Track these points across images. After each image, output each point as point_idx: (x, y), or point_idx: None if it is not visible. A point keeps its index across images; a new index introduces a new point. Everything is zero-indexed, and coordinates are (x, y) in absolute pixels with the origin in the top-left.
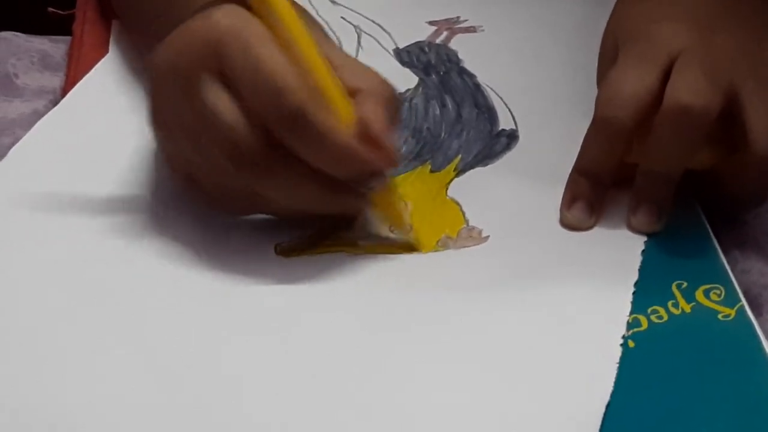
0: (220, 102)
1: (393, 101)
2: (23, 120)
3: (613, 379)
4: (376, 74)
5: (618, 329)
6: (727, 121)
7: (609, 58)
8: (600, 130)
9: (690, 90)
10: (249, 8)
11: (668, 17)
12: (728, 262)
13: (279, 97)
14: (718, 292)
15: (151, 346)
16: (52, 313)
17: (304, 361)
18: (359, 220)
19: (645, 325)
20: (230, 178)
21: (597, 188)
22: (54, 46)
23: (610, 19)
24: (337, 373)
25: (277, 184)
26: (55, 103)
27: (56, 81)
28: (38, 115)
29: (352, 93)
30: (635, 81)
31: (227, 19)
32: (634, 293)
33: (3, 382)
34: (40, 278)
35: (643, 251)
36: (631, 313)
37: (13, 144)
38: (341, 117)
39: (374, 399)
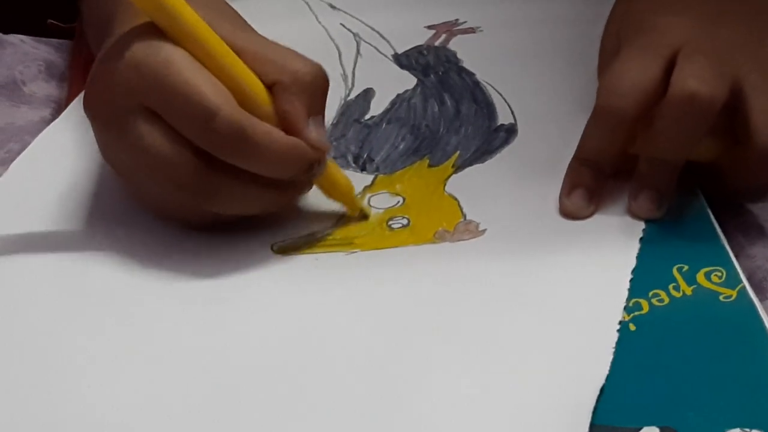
0: (153, 136)
1: (312, 87)
2: (32, 127)
3: (609, 365)
4: (292, 59)
5: (615, 316)
6: (730, 114)
7: (611, 50)
8: (601, 119)
9: (697, 78)
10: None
11: (673, 11)
12: (733, 248)
13: (211, 121)
14: (719, 274)
15: (150, 347)
16: (56, 314)
17: (307, 358)
18: (354, 218)
19: (646, 308)
20: (178, 203)
21: (597, 177)
22: (59, 56)
23: (612, 12)
24: (339, 368)
25: (225, 199)
26: (60, 112)
27: (61, 91)
28: (45, 122)
29: (270, 85)
30: (638, 71)
31: (139, 51)
32: (631, 280)
33: (5, 387)
34: (46, 282)
35: (641, 238)
36: (632, 296)
37: (21, 149)
38: (265, 116)
39: (379, 393)
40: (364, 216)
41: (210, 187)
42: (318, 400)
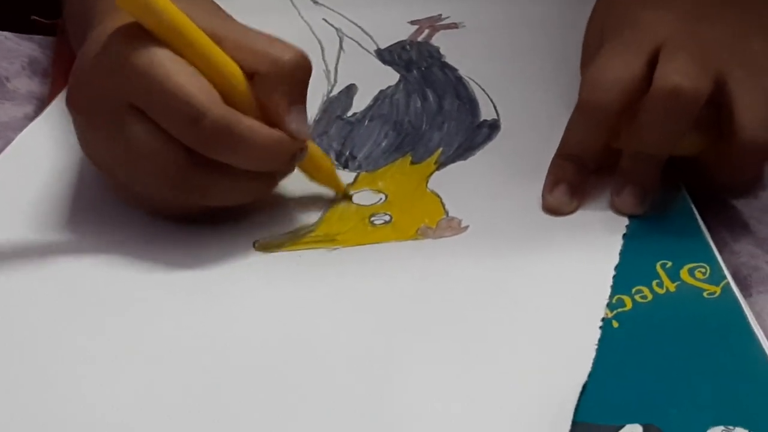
0: (140, 135)
1: (292, 76)
2: (15, 123)
3: (591, 362)
4: (273, 47)
5: (597, 313)
6: (715, 109)
7: (594, 45)
8: (584, 114)
9: (680, 72)
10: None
11: (655, 6)
12: (717, 244)
13: (198, 121)
14: (703, 270)
15: (135, 345)
16: (42, 311)
17: (292, 356)
18: (337, 213)
19: (629, 305)
20: (167, 198)
21: (580, 172)
22: (43, 52)
23: (595, 7)
24: (323, 365)
25: (212, 193)
26: (43, 108)
27: (44, 87)
28: (28, 119)
29: (250, 74)
30: (621, 66)
31: (125, 50)
32: (614, 276)
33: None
34: (31, 280)
35: (624, 234)
36: (615, 293)
37: (4, 146)
38: (246, 106)
39: (363, 388)
40: (347, 196)
41: (197, 182)
42: (304, 399)
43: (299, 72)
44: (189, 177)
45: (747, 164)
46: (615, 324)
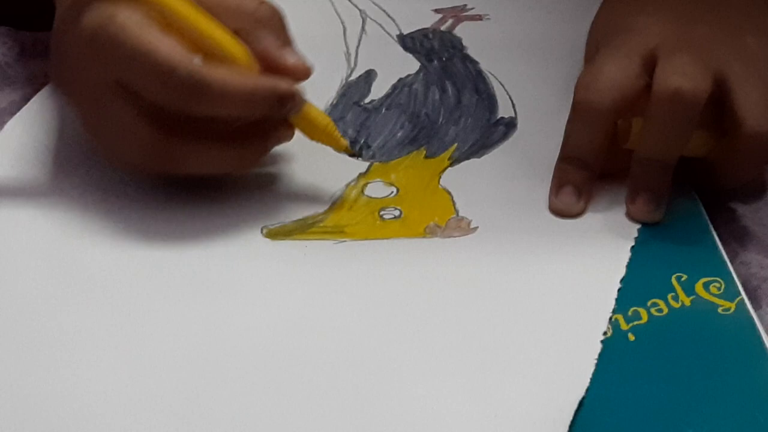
0: (117, 108)
1: (272, 23)
2: (14, 108)
3: (590, 375)
4: (243, 3)
5: (599, 326)
6: (717, 106)
7: (592, 53)
8: (578, 115)
9: (679, 73)
10: None
11: (648, 11)
12: (727, 255)
13: (166, 77)
14: (718, 285)
15: (140, 332)
16: (38, 302)
17: (288, 348)
18: (347, 203)
19: (645, 318)
20: (144, 168)
21: (583, 173)
22: (45, 35)
23: (593, 20)
24: (318, 359)
25: (191, 161)
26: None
27: (45, 64)
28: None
29: (236, 32)
30: (613, 68)
31: (92, 20)
32: (629, 289)
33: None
34: (27, 265)
35: (632, 247)
36: (632, 305)
37: None
38: (239, 60)
39: (357, 385)
40: (352, 155)
41: (174, 151)
42: (298, 391)
43: (277, 17)
44: (165, 147)
45: (751, 158)
46: (631, 337)
